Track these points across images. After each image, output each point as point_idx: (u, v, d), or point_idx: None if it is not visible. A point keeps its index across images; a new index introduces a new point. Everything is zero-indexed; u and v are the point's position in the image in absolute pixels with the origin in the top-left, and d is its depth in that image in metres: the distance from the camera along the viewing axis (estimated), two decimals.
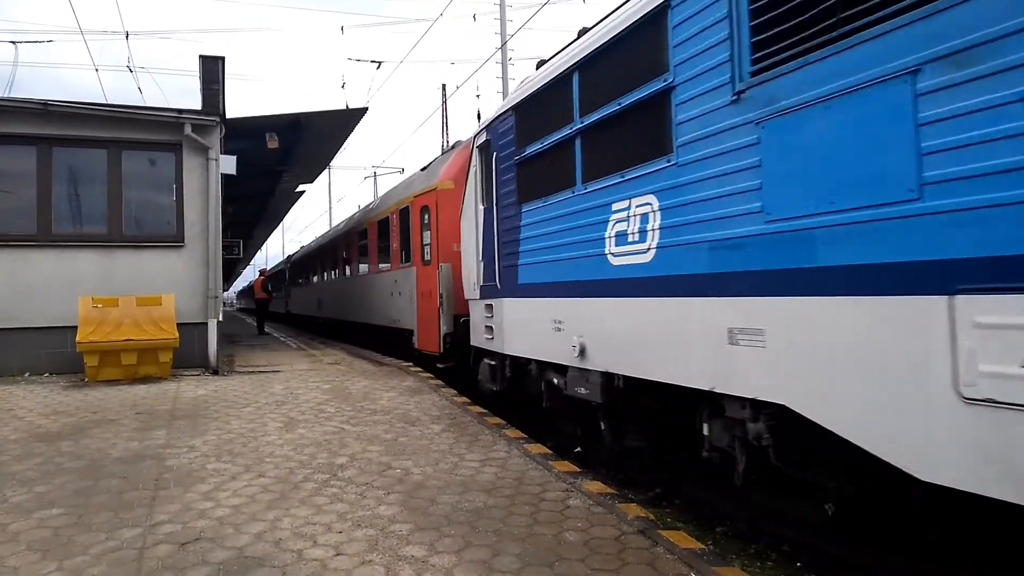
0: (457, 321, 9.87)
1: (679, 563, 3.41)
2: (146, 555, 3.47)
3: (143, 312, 9.70)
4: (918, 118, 2.87)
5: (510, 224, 6.87)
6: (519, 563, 3.38)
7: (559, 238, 5.93)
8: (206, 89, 11.19)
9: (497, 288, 7.25)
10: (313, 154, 17.60)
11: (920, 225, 2.88)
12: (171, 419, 6.80)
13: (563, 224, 5.84)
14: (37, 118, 10.01)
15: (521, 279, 6.69)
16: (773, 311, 3.71)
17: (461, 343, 9.55)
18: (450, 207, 10.12)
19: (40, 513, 4.11)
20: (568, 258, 5.78)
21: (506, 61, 18.63)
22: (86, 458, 5.36)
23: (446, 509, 4.16)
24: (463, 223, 8.57)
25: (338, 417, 6.91)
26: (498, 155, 7.22)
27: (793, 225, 3.55)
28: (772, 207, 3.68)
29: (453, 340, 9.96)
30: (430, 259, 10.73)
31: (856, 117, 3.19)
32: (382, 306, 13.97)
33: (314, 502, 4.29)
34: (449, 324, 10.02)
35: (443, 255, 10.30)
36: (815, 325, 3.43)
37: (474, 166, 8.12)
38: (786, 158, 3.60)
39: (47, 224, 10.16)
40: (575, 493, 4.51)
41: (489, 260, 7.48)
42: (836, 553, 4.51)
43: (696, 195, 4.28)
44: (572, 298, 5.76)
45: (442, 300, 10.07)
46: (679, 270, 4.45)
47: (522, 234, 6.61)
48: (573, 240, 5.67)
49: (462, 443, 5.85)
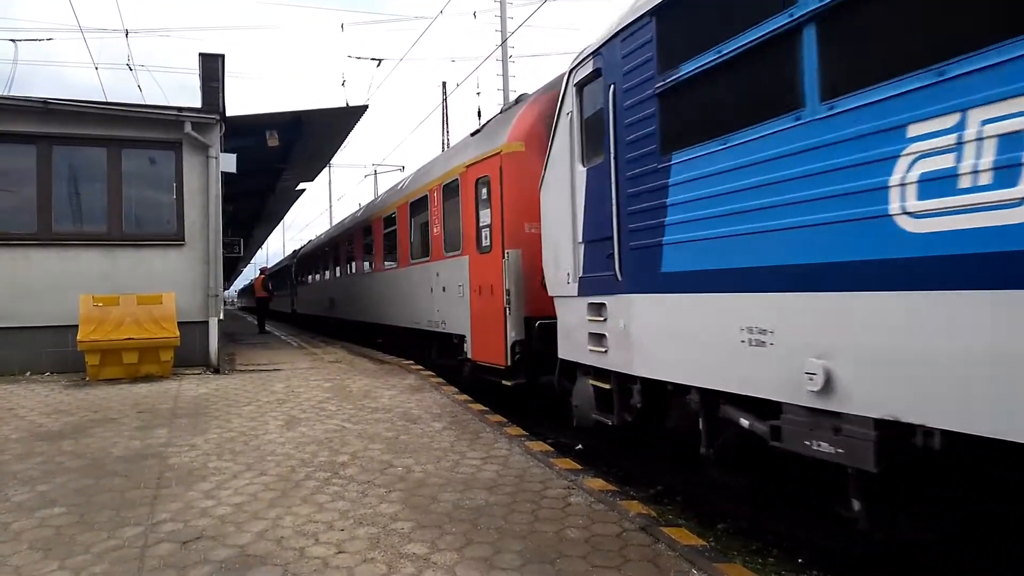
0: (530, 325, 7.79)
1: (681, 560, 3.41)
2: (148, 553, 3.47)
3: (144, 311, 9.69)
4: None
5: (645, 186, 4.83)
6: (520, 560, 3.38)
7: (761, 197, 3.87)
8: (206, 87, 11.17)
9: (616, 280, 5.23)
10: (313, 152, 17.59)
11: None
12: (172, 418, 6.80)
13: (771, 173, 3.80)
14: (37, 116, 10.00)
15: (669, 265, 4.65)
16: None
17: (536, 354, 7.66)
18: (521, 175, 7.99)
19: (42, 512, 4.11)
20: (786, 228, 3.73)
21: (506, 59, 18.59)
22: (87, 457, 5.36)
23: (447, 507, 4.16)
24: (545, 195, 6.63)
25: (339, 415, 6.91)
26: (620, 88, 5.17)
27: None
28: None
29: (524, 350, 7.85)
30: (490, 245, 8.45)
31: None
32: (417, 306, 11.48)
33: (315, 500, 4.29)
34: (519, 329, 7.87)
35: (510, 239, 8.02)
36: None
37: (568, 113, 6.12)
38: None
39: (47, 223, 10.15)
40: (576, 490, 4.51)
41: (598, 241, 5.53)
42: (836, 549, 4.52)
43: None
44: (798, 293, 3.68)
45: (509, 298, 7.87)
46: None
47: (672, 197, 4.58)
48: (799, 198, 3.63)
49: (463, 441, 5.85)
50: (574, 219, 5.98)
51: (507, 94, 18.33)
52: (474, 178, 8.96)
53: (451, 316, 9.83)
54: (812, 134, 3.55)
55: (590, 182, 5.73)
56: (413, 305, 11.76)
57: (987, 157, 2.77)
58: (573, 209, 5.99)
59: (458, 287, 9.48)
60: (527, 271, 7.81)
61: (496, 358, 8.24)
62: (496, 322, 8.17)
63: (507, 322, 7.91)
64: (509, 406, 8.24)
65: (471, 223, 9.01)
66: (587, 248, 5.81)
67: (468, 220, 9.12)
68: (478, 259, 8.81)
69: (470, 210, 9.06)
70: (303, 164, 18.85)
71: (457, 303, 9.54)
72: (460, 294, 9.40)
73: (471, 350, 9.05)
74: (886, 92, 3.16)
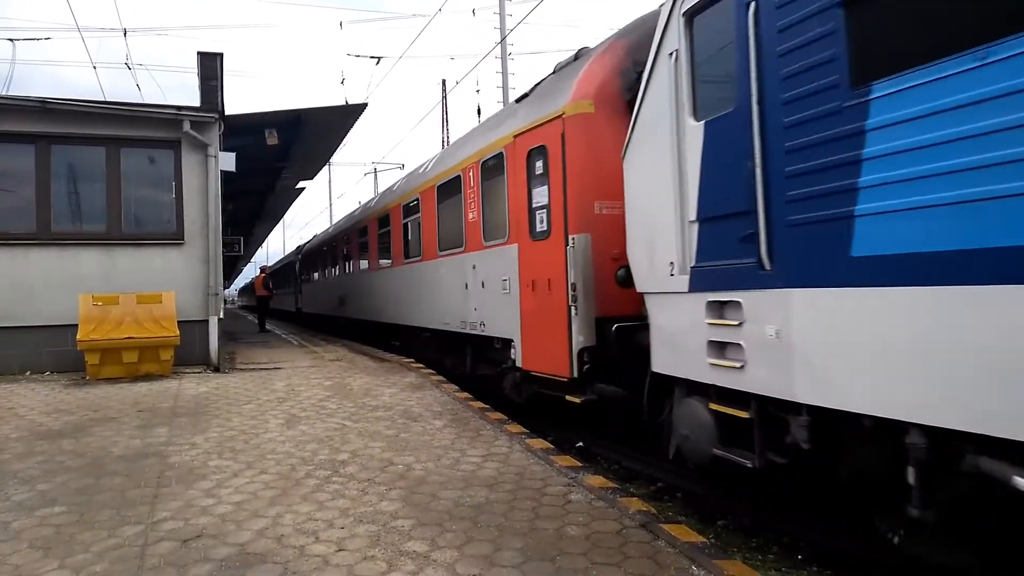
0: (602, 327, 6.37)
1: (681, 556, 3.41)
2: (148, 552, 3.47)
3: (144, 310, 9.70)
4: None
5: (820, 135, 3.60)
6: (521, 558, 3.38)
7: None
8: (204, 86, 11.16)
9: (760, 270, 4.00)
10: (313, 150, 17.56)
11: None
12: (172, 417, 6.80)
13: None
14: (35, 116, 9.99)
15: (868, 246, 3.34)
16: None
17: (609, 364, 6.35)
18: (590, 143, 6.57)
19: (42, 511, 4.11)
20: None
21: (506, 56, 18.58)
22: (88, 456, 5.36)
23: (448, 504, 4.17)
24: (632, 163, 5.39)
25: (340, 414, 6.91)
26: (769, 4, 3.95)
27: None
28: None
29: (595, 359, 6.41)
30: (547, 229, 6.99)
31: None
32: (446, 304, 9.99)
33: (316, 498, 4.29)
34: (588, 332, 6.40)
35: (576, 221, 6.55)
36: None
37: (671, 53, 4.85)
38: None
39: (47, 222, 10.14)
40: (577, 488, 4.51)
41: (725, 218, 4.31)
42: (835, 546, 4.52)
43: None
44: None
45: (575, 294, 6.42)
46: None
47: (873, 147, 3.30)
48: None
49: (464, 439, 5.85)
50: (681, 191, 4.71)
51: (506, 91, 18.33)
52: (525, 149, 7.44)
53: (493, 316, 8.35)
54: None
55: (710, 140, 4.46)
56: (441, 303, 10.24)
57: None
58: (679, 178, 4.72)
59: (502, 282, 7.98)
60: (598, 261, 6.44)
61: (556, 368, 6.74)
62: (556, 324, 6.70)
63: (572, 324, 6.44)
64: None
65: (521, 204, 7.51)
66: (704, 228, 4.55)
67: (517, 201, 7.61)
68: (531, 247, 7.33)
69: (520, 189, 7.55)
70: (302, 162, 18.83)
71: (501, 301, 8.03)
72: (505, 290, 7.89)
73: (521, 357, 7.54)
74: None
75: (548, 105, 7.15)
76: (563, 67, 7.60)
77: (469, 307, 9.06)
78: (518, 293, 7.58)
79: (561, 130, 6.75)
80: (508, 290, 7.84)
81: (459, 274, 9.42)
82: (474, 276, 8.89)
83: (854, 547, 4.45)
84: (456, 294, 9.54)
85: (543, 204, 7.08)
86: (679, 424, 5.00)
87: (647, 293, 5.26)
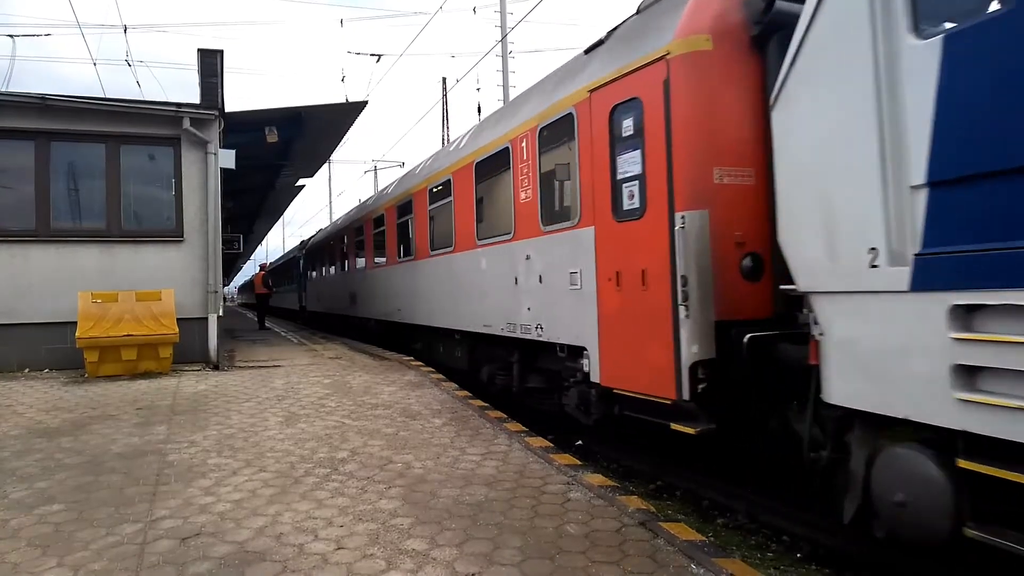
0: (723, 334, 4.95)
1: (679, 555, 3.41)
2: (147, 550, 3.47)
3: (143, 307, 9.69)
4: None
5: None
6: (520, 556, 3.38)
7: None
8: (204, 83, 11.14)
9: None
10: (313, 148, 17.55)
11: None
12: (171, 414, 6.80)
13: None
14: (35, 112, 9.97)
15: None
16: None
17: (733, 383, 4.94)
18: (709, 89, 5.11)
19: (40, 509, 4.11)
20: None
21: (506, 54, 18.55)
22: (86, 454, 5.35)
23: (447, 503, 4.16)
24: (790, 110, 4.06)
25: (339, 412, 6.91)
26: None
27: None
28: None
29: (715, 377, 4.97)
30: (640, 206, 5.47)
31: None
32: (488, 302, 8.47)
33: (315, 497, 4.29)
34: (705, 341, 4.96)
35: (688, 194, 5.05)
36: None
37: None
38: None
39: (46, 219, 10.14)
40: (576, 486, 4.51)
41: (991, 178, 3.03)
42: (834, 545, 4.53)
43: None
44: None
45: (686, 291, 4.95)
46: None
47: None
48: None
49: (463, 437, 5.85)
50: (893, 143, 3.42)
51: (507, 90, 18.30)
52: (607, 107, 5.89)
53: (555, 318, 6.83)
54: None
55: (956, 64, 3.13)
56: (480, 302, 8.68)
57: None
58: (890, 125, 3.43)
59: (570, 275, 6.49)
60: (719, 246, 5.02)
61: (655, 386, 5.26)
62: (655, 329, 5.24)
63: (680, 329, 4.97)
64: (509, 404, 8.20)
65: (599, 177, 6.00)
66: (942, 195, 3.22)
67: (593, 173, 6.11)
68: (614, 231, 5.82)
69: (597, 157, 6.02)
70: (303, 160, 18.82)
71: (568, 299, 6.53)
72: (575, 285, 6.40)
73: (598, 370, 6.03)
74: None
75: (642, 47, 5.56)
76: (653, 2, 5.92)
77: (519, 306, 7.58)
78: (594, 289, 6.08)
79: (664, 76, 5.23)
80: (579, 285, 6.34)
81: (506, 267, 7.91)
82: (527, 269, 7.42)
83: (852, 546, 4.46)
84: (501, 291, 8.05)
85: (634, 174, 5.59)
86: (887, 484, 3.62)
87: (818, 292, 3.91)
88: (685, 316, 4.95)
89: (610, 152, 5.89)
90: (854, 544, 4.48)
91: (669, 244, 5.12)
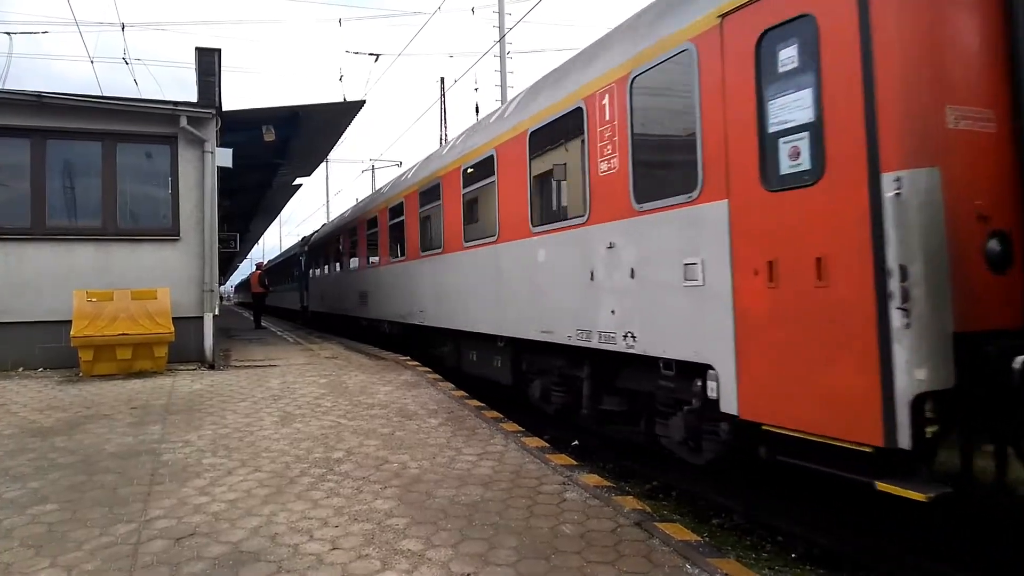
0: (967, 351, 3.56)
1: (675, 555, 3.40)
2: (141, 550, 3.45)
3: (138, 306, 9.66)
4: None
5: None
6: (516, 556, 3.37)
7: None
8: (202, 81, 11.11)
9: None
10: (310, 147, 17.54)
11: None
12: (166, 414, 6.78)
13: None
14: (31, 110, 9.93)
15: None
16: None
17: (976, 425, 3.88)
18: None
19: (34, 509, 4.09)
20: None
21: (504, 54, 18.57)
22: (80, 453, 5.33)
23: (443, 503, 4.15)
24: None
25: (335, 411, 6.89)
26: None
27: None
28: None
29: (950, 415, 3.75)
30: (813, 167, 4.01)
31: None
32: (547, 303, 6.96)
33: (310, 497, 4.28)
34: (938, 364, 3.49)
35: (906, 146, 3.60)
36: None
37: None
38: None
39: (41, 217, 10.10)
40: (572, 486, 4.51)
41: None
42: (828, 545, 4.53)
43: None
44: None
45: (907, 288, 3.49)
46: None
47: None
48: None
49: (459, 437, 5.83)
50: None
51: (505, 90, 18.31)
52: (752, 34, 4.41)
53: (656, 324, 5.33)
54: None
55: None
56: (536, 302, 7.17)
57: None
58: None
59: (684, 267, 4.99)
60: (955, 222, 3.65)
61: (845, 426, 3.74)
62: (844, 341, 3.76)
63: (894, 344, 3.51)
64: (506, 402, 8.19)
65: (740, 130, 4.49)
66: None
67: (728, 126, 4.61)
68: (765, 204, 4.30)
69: (738, 103, 4.52)
70: (300, 159, 18.80)
71: (679, 299, 5.05)
72: (693, 280, 4.90)
73: (735, 397, 4.48)
74: None
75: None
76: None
77: (598, 308, 6.03)
78: (728, 285, 4.56)
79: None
80: (699, 280, 4.83)
81: (575, 258, 6.42)
82: (609, 260, 5.90)
83: (847, 546, 4.47)
84: (568, 288, 6.53)
85: (799, 124, 4.09)
86: None
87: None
88: (904, 325, 3.44)
89: (756, 96, 4.37)
90: (848, 544, 4.49)
91: (870, 219, 3.62)
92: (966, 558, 4.13)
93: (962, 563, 4.09)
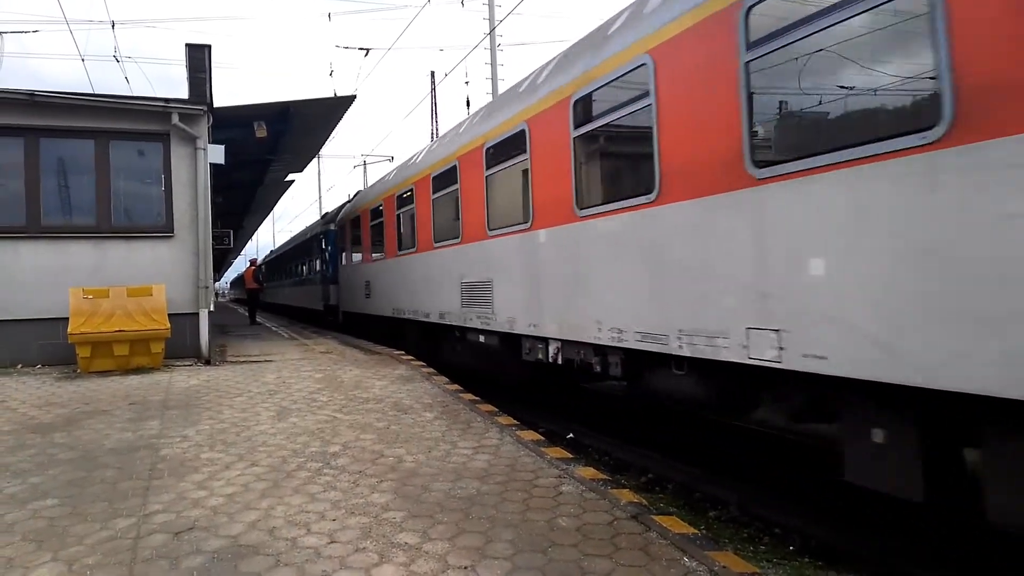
0: None
1: (672, 548, 3.44)
2: (140, 544, 3.48)
3: (134, 303, 9.67)
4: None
5: None
6: (512, 549, 3.40)
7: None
8: (193, 78, 11.08)
9: None
10: (302, 143, 17.49)
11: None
12: (164, 409, 6.79)
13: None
14: (23, 109, 9.89)
15: None
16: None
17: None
18: None
19: (34, 504, 4.11)
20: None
21: (495, 47, 18.53)
22: (79, 449, 5.35)
23: (439, 496, 4.19)
24: None
25: (330, 406, 6.92)
26: None
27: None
28: None
29: None
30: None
31: None
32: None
33: (307, 491, 4.31)
34: None
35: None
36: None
37: None
38: None
39: (36, 215, 10.09)
40: (568, 479, 4.54)
41: None
42: (826, 537, 4.58)
43: None
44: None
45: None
46: None
47: None
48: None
49: (455, 430, 5.87)
50: None
51: (495, 83, 18.29)
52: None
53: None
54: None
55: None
56: (698, 299, 4.79)
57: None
58: None
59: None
60: None
61: None
62: None
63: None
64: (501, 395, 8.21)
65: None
66: None
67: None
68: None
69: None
70: (292, 155, 18.75)
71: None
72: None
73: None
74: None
75: None
76: None
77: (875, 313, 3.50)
78: None
79: None
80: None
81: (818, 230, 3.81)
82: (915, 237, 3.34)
83: (843, 538, 4.52)
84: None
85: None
86: None
87: None
88: None
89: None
90: (845, 536, 4.54)
91: None
92: (965, 558, 4.18)
93: (962, 563, 4.14)
